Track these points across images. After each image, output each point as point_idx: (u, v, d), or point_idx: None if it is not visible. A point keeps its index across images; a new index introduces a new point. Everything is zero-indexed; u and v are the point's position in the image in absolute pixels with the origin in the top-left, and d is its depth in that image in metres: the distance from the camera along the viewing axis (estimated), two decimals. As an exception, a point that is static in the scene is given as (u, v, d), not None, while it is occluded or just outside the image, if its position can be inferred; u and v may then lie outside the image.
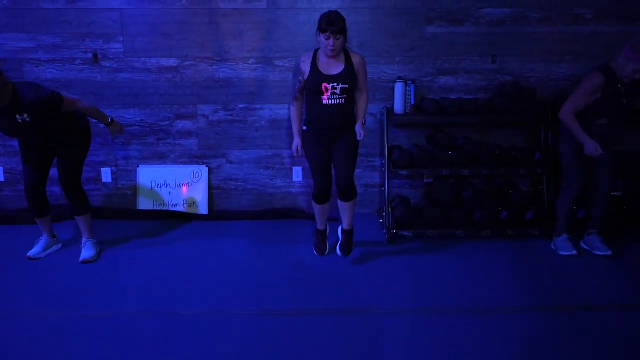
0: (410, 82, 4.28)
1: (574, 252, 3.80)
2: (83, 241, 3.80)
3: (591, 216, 3.91)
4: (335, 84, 3.34)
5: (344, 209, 3.64)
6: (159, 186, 4.59)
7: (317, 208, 3.71)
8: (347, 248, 3.73)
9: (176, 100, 4.49)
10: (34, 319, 2.96)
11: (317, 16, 4.26)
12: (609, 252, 3.78)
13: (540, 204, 4.28)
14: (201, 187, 4.60)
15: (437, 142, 4.40)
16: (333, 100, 3.38)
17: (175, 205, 4.58)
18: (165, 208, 4.58)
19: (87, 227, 3.78)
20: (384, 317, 2.99)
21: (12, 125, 3.26)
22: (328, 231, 3.87)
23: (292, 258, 3.80)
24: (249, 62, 4.43)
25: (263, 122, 4.54)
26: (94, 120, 3.74)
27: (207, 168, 4.60)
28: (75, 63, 4.39)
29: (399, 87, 4.26)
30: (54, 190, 4.58)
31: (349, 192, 3.54)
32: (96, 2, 4.28)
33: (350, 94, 3.41)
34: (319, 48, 3.39)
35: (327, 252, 3.81)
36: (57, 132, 3.48)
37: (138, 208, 4.59)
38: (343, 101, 3.39)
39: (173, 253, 3.87)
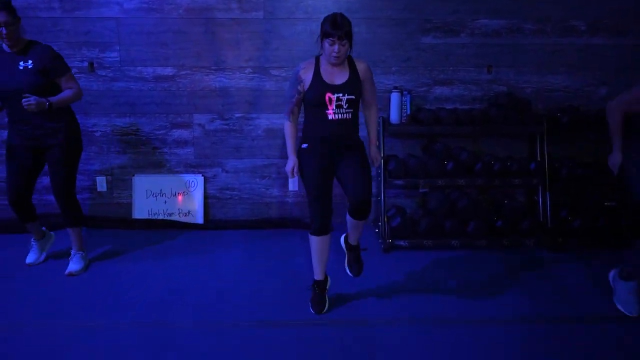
0: (406, 92, 4.30)
1: (634, 314, 3.07)
2: (72, 252, 3.70)
3: (632, 256, 3.20)
4: (341, 95, 2.92)
5: (355, 225, 3.17)
6: (155, 195, 4.58)
7: (315, 247, 3.10)
8: (356, 266, 3.29)
9: (172, 109, 4.48)
10: (24, 331, 2.93)
11: (314, 26, 4.31)
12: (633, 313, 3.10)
13: (535, 214, 4.30)
14: (197, 197, 4.58)
15: (432, 152, 4.41)
16: (339, 115, 2.94)
17: (170, 215, 4.57)
18: (160, 217, 4.56)
19: (78, 239, 3.69)
20: (380, 328, 2.99)
21: (11, 72, 3.28)
22: (329, 283, 3.27)
23: (287, 268, 3.79)
24: (246, 71, 4.43)
25: (259, 132, 4.55)
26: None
27: (202, 177, 4.59)
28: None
29: (395, 97, 4.28)
30: (51, 198, 4.56)
31: (365, 209, 3.02)
32: (93, 11, 4.28)
33: (356, 107, 3.00)
34: (320, 55, 3.00)
35: (326, 309, 3.16)
36: (48, 130, 3.40)
37: (133, 217, 4.57)
38: (350, 115, 2.97)
39: (168, 263, 3.86)
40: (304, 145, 3.04)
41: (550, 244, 4.09)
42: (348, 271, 3.32)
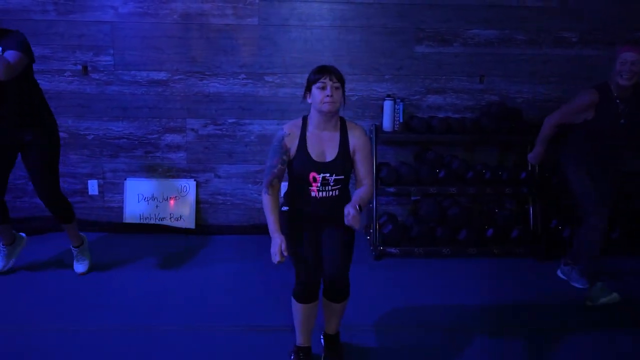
0: (399, 100, 4.32)
1: (586, 286, 3.56)
2: (74, 252, 3.68)
3: (573, 246, 3.70)
4: (328, 175, 2.52)
5: (332, 310, 2.66)
6: (146, 199, 4.57)
7: (298, 311, 2.59)
8: (333, 358, 2.70)
9: (165, 113, 4.48)
10: (12, 334, 2.91)
11: (308, 33, 4.35)
12: (587, 286, 3.56)
13: (525, 223, 4.32)
14: (189, 201, 4.58)
15: (424, 160, 4.44)
16: (324, 193, 2.54)
17: (162, 219, 4.55)
18: (152, 222, 4.55)
19: (73, 234, 3.61)
20: (370, 335, 2.99)
21: None
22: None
23: (278, 273, 3.78)
24: (239, 77, 4.45)
25: (252, 137, 4.55)
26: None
27: (195, 182, 4.59)
28: (65, 75, 4.37)
29: (387, 105, 4.30)
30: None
31: (341, 289, 2.57)
32: (87, 14, 4.28)
33: (345, 183, 2.60)
34: (307, 115, 2.59)
35: None
36: (23, 125, 3.24)
37: (124, 221, 4.56)
38: (337, 192, 2.57)
39: (158, 267, 3.85)
40: (284, 208, 2.66)
41: (539, 253, 4.11)
42: None
